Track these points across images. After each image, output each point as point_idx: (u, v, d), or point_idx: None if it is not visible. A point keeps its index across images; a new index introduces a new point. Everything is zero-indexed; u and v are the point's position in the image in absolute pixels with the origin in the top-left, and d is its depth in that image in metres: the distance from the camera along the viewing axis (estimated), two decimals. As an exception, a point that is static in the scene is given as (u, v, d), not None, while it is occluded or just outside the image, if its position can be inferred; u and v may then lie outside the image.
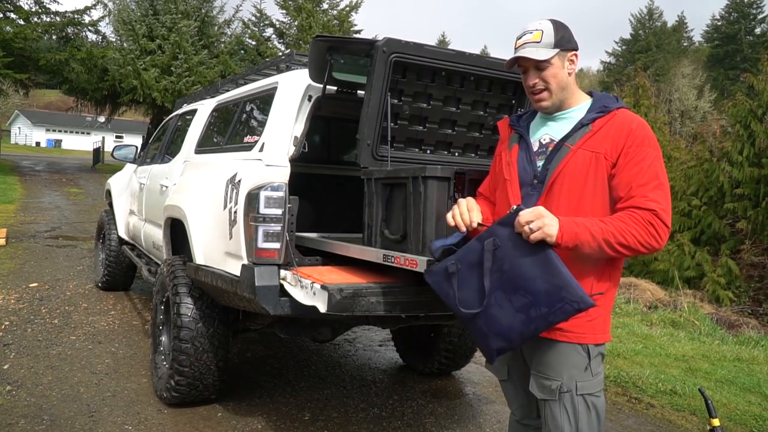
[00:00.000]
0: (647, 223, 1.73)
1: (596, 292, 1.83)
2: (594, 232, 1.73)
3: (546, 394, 1.88)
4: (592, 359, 1.86)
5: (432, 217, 2.31)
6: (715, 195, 10.54)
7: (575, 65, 1.95)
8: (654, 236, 1.74)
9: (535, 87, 1.93)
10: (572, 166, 1.84)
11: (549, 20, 1.95)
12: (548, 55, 1.89)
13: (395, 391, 3.93)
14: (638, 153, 1.79)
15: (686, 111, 33.67)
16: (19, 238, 8.54)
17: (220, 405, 3.44)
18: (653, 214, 1.74)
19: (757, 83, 10.66)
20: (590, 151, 1.83)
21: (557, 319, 1.73)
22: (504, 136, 2.11)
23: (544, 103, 1.94)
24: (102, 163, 24.78)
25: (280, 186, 2.78)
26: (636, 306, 7.57)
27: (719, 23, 49.29)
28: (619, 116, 1.86)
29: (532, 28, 1.94)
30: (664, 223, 1.75)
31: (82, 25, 20.25)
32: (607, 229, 1.73)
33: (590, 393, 1.86)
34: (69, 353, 4.15)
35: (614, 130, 1.83)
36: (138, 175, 5.37)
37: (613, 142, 1.81)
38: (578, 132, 1.87)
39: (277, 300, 2.68)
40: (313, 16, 21.48)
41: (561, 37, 1.91)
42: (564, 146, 1.87)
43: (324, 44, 2.73)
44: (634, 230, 1.73)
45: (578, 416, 1.83)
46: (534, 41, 1.91)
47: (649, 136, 1.83)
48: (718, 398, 4.13)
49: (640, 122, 1.86)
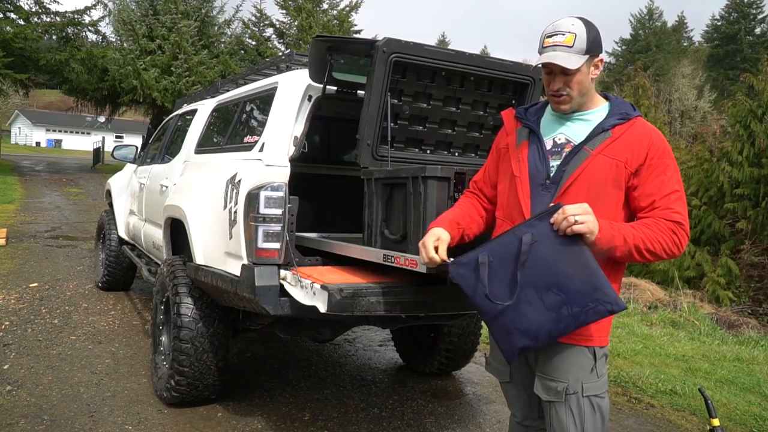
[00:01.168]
0: (672, 232, 1.80)
1: None
2: (627, 236, 1.76)
3: (552, 396, 1.86)
4: (598, 360, 1.86)
5: (432, 217, 2.31)
6: (715, 195, 10.54)
7: (599, 69, 1.92)
8: (677, 245, 1.81)
9: (558, 92, 1.89)
10: (591, 171, 1.83)
11: (581, 21, 1.87)
12: (580, 62, 1.83)
13: (395, 391, 3.93)
14: (660, 165, 1.83)
15: (686, 111, 33.65)
16: (19, 238, 8.54)
17: (220, 405, 3.44)
18: (678, 225, 1.80)
19: (757, 83, 10.66)
20: (610, 158, 1.82)
21: (589, 319, 1.72)
22: (510, 128, 2.04)
23: (564, 106, 1.91)
24: (102, 163, 24.79)
25: (280, 186, 2.78)
26: (636, 306, 7.57)
27: (719, 23, 49.32)
28: (638, 125, 1.87)
29: (564, 29, 1.85)
30: (686, 232, 1.83)
31: (82, 25, 20.24)
32: (637, 235, 1.77)
33: (596, 394, 1.85)
34: (69, 353, 4.16)
35: (635, 140, 1.84)
36: (138, 175, 5.37)
37: (633, 152, 1.83)
38: (598, 137, 1.85)
39: (277, 300, 2.68)
40: (313, 16, 21.49)
41: (592, 42, 1.85)
42: (583, 150, 1.85)
43: (324, 44, 2.73)
44: (661, 239, 1.79)
45: (584, 418, 1.83)
46: (566, 45, 1.83)
47: (668, 148, 1.88)
48: (718, 398, 4.13)
49: (657, 133, 1.90)
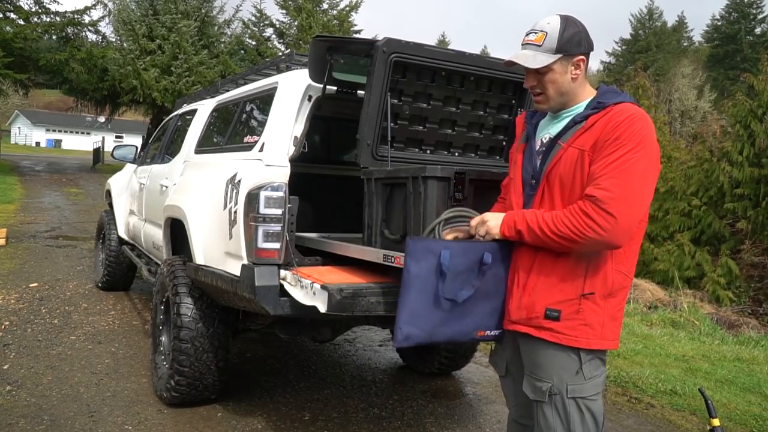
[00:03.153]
0: (581, 211, 1.67)
1: (587, 292, 1.78)
2: (530, 221, 1.77)
3: (537, 396, 1.85)
4: (585, 363, 1.79)
5: (432, 217, 2.31)
6: (715, 195, 10.52)
7: (582, 70, 1.84)
8: (590, 226, 1.65)
9: (533, 90, 1.89)
10: (562, 165, 1.80)
11: (560, 19, 1.82)
12: (545, 62, 1.80)
13: (395, 391, 3.93)
14: (612, 145, 1.69)
15: (686, 111, 33.65)
16: (19, 238, 8.54)
17: (220, 405, 3.44)
18: (591, 201, 1.66)
19: (757, 83, 10.64)
20: (578, 149, 1.76)
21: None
22: (518, 133, 2.07)
23: (541, 105, 1.91)
24: (102, 163, 24.79)
25: (280, 186, 2.78)
26: (636, 306, 7.57)
27: (719, 23, 49.26)
28: (614, 111, 1.74)
29: (538, 27, 1.84)
30: (606, 210, 1.64)
31: (82, 25, 20.26)
32: (542, 219, 1.75)
33: (583, 396, 1.80)
34: (69, 353, 4.15)
35: (603, 125, 1.73)
36: (138, 175, 5.37)
37: (596, 138, 1.73)
38: (571, 129, 1.81)
39: (277, 300, 2.67)
40: (313, 16, 21.49)
41: (567, 41, 1.79)
42: (557, 144, 1.83)
43: (324, 44, 2.73)
44: (565, 219, 1.70)
45: (570, 419, 1.79)
46: (535, 43, 1.82)
47: (632, 130, 1.69)
48: (718, 398, 4.13)
49: (630, 116, 1.71)
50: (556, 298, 1.80)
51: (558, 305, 1.79)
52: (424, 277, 1.82)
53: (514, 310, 1.89)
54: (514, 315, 1.90)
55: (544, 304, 1.81)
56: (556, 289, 1.80)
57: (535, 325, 1.84)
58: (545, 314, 1.81)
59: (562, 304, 1.79)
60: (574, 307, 1.77)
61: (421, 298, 1.82)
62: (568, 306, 1.78)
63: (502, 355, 2.04)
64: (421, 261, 1.82)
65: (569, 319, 1.78)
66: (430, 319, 1.84)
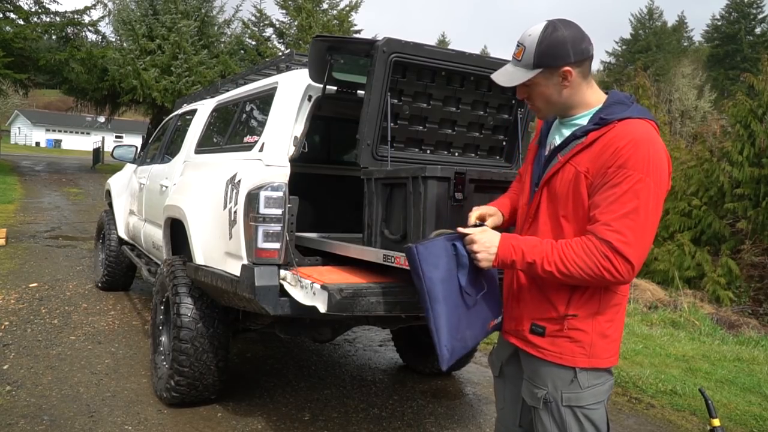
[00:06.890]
0: (602, 255, 1.56)
1: (570, 314, 1.70)
2: (527, 251, 1.65)
3: (534, 402, 1.81)
4: (580, 373, 1.72)
5: (432, 217, 2.31)
6: (715, 195, 10.53)
7: (571, 80, 1.70)
8: (608, 270, 1.56)
9: (526, 101, 1.85)
10: (557, 180, 1.73)
11: (542, 30, 1.69)
12: (521, 79, 1.72)
13: (395, 391, 3.93)
14: (617, 174, 1.56)
15: (686, 111, 33.64)
16: (19, 238, 8.54)
17: (220, 405, 3.44)
18: (608, 246, 1.55)
19: (757, 83, 10.64)
20: (574, 167, 1.67)
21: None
22: (538, 128, 2.01)
23: (538, 114, 1.88)
24: (102, 163, 24.80)
25: (280, 186, 2.78)
26: (636, 306, 7.57)
27: (719, 23, 49.26)
28: (616, 129, 1.61)
29: (521, 39, 1.73)
30: (624, 256, 1.54)
31: (82, 25, 20.29)
32: (545, 252, 1.62)
33: (580, 406, 1.72)
34: (69, 353, 4.15)
35: (602, 146, 1.61)
36: (138, 175, 5.37)
37: (595, 160, 1.62)
38: (570, 144, 1.71)
39: (277, 300, 2.67)
40: (313, 16, 21.49)
41: (545, 54, 1.67)
42: (556, 156, 1.77)
43: (324, 44, 2.73)
44: (581, 261, 1.58)
45: (567, 428, 1.74)
46: (515, 58, 1.75)
47: (637, 157, 1.56)
48: (718, 398, 4.13)
49: (633, 139, 1.58)
50: (541, 314, 1.76)
51: (542, 321, 1.75)
52: (448, 280, 1.73)
53: (507, 320, 1.89)
54: (506, 325, 1.89)
55: (530, 318, 1.78)
56: (543, 305, 1.75)
57: (522, 338, 1.82)
58: (531, 329, 1.77)
59: (546, 321, 1.75)
60: (558, 325, 1.72)
61: (450, 308, 1.73)
62: (552, 324, 1.74)
63: (499, 355, 2.03)
64: (439, 264, 1.72)
65: (554, 336, 1.73)
66: (461, 325, 1.77)
